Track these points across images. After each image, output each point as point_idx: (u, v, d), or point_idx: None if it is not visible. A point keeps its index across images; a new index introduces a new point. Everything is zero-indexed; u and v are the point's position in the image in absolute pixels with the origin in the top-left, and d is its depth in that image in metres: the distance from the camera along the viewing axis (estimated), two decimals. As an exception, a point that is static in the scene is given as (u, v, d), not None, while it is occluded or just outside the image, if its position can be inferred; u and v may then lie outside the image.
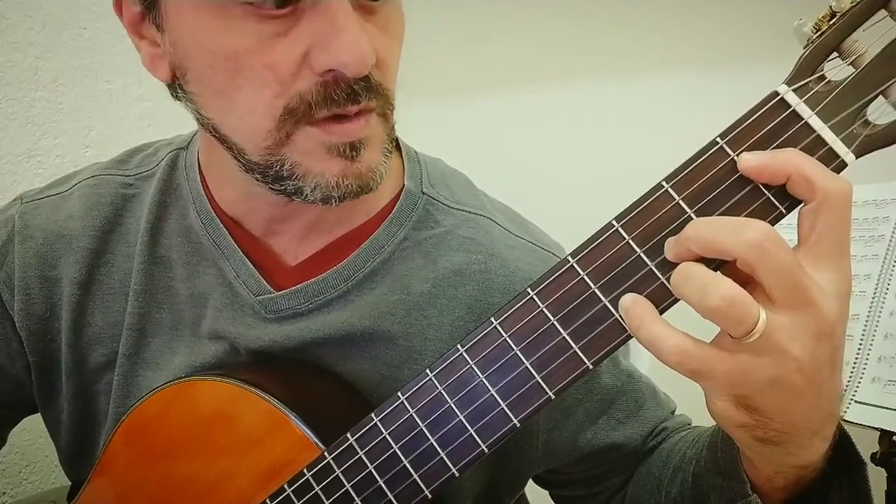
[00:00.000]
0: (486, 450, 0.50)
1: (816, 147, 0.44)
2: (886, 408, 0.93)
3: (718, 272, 0.42)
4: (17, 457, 1.21)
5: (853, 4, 0.44)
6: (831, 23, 0.45)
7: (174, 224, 0.72)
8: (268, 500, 0.57)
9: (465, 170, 0.79)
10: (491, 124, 1.75)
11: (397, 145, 0.74)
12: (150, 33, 0.59)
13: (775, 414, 0.44)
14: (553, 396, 0.48)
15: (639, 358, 0.81)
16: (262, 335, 0.67)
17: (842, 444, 0.51)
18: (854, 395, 0.97)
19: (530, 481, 0.80)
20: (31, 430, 1.21)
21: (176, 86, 0.60)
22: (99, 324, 0.71)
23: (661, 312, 0.46)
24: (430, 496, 0.52)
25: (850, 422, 0.95)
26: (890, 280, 1.02)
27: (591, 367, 0.47)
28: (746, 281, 0.42)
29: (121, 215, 0.73)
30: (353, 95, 0.54)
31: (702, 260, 0.43)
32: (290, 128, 0.55)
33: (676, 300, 0.45)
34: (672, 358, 0.42)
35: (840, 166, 0.44)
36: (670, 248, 0.45)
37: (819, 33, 0.45)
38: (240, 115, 0.56)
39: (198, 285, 0.70)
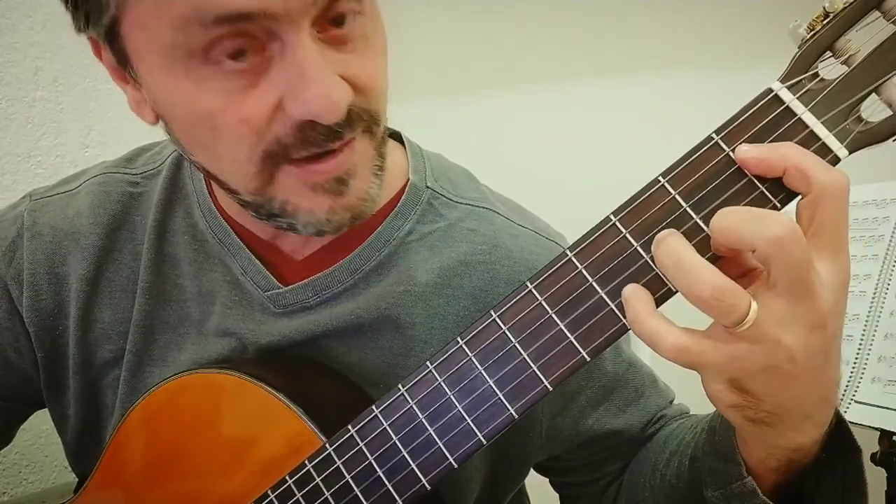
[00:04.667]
0: (484, 441, 0.50)
1: (810, 142, 0.45)
2: (886, 408, 0.94)
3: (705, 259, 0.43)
4: (18, 457, 1.21)
5: (846, 5, 0.45)
6: (825, 22, 0.46)
7: (180, 222, 0.72)
8: (269, 492, 0.58)
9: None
10: (491, 124, 1.75)
11: (401, 141, 0.75)
12: (131, 79, 0.58)
13: (766, 397, 0.45)
14: (551, 388, 0.49)
15: (640, 347, 0.82)
16: (272, 330, 0.68)
17: (839, 430, 0.52)
18: (854, 395, 0.97)
19: (531, 472, 0.81)
20: (31, 431, 1.21)
21: (164, 129, 0.61)
22: (107, 320, 0.72)
23: (659, 304, 0.47)
24: (428, 487, 0.52)
25: (850, 422, 0.96)
26: (890, 280, 1.03)
27: (588, 358, 0.48)
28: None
29: (128, 213, 0.73)
30: (332, 134, 0.54)
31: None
32: (271, 168, 0.55)
33: (671, 294, 0.46)
34: (669, 354, 0.43)
35: (833, 161, 0.45)
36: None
37: (813, 33, 0.46)
38: (225, 165, 0.57)
39: (205, 283, 0.71)
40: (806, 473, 0.52)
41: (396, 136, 0.76)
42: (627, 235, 0.47)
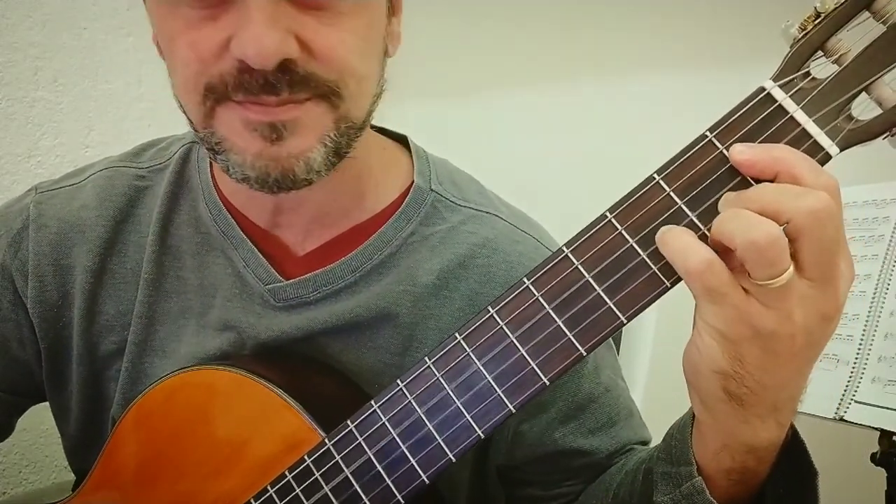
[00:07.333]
0: (481, 435, 0.51)
1: (801, 140, 0.45)
2: (886, 408, 0.93)
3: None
4: (18, 457, 1.22)
5: (837, 5, 0.46)
6: (816, 23, 0.47)
7: (185, 215, 0.73)
8: (269, 487, 0.58)
9: (465, 169, 0.80)
10: (491, 124, 1.76)
11: (406, 144, 0.76)
12: None
13: (754, 369, 0.45)
14: (548, 383, 0.49)
15: (636, 372, 0.81)
16: (271, 324, 0.69)
17: (797, 447, 0.52)
18: (854, 395, 0.96)
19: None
20: (32, 430, 1.22)
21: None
22: (110, 312, 0.73)
23: (652, 302, 0.47)
24: (427, 481, 0.53)
25: (850, 422, 0.95)
26: (890, 280, 1.02)
27: (584, 353, 0.48)
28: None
29: (133, 206, 0.74)
30: (268, 87, 0.54)
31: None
32: (212, 103, 0.57)
33: (666, 290, 0.47)
34: (699, 266, 0.43)
35: (825, 158, 0.45)
36: (726, 204, 0.45)
37: (804, 33, 0.47)
38: (180, 92, 0.59)
39: (207, 275, 0.72)
40: (763, 489, 0.52)
41: (402, 141, 0.77)
42: (623, 232, 0.48)
